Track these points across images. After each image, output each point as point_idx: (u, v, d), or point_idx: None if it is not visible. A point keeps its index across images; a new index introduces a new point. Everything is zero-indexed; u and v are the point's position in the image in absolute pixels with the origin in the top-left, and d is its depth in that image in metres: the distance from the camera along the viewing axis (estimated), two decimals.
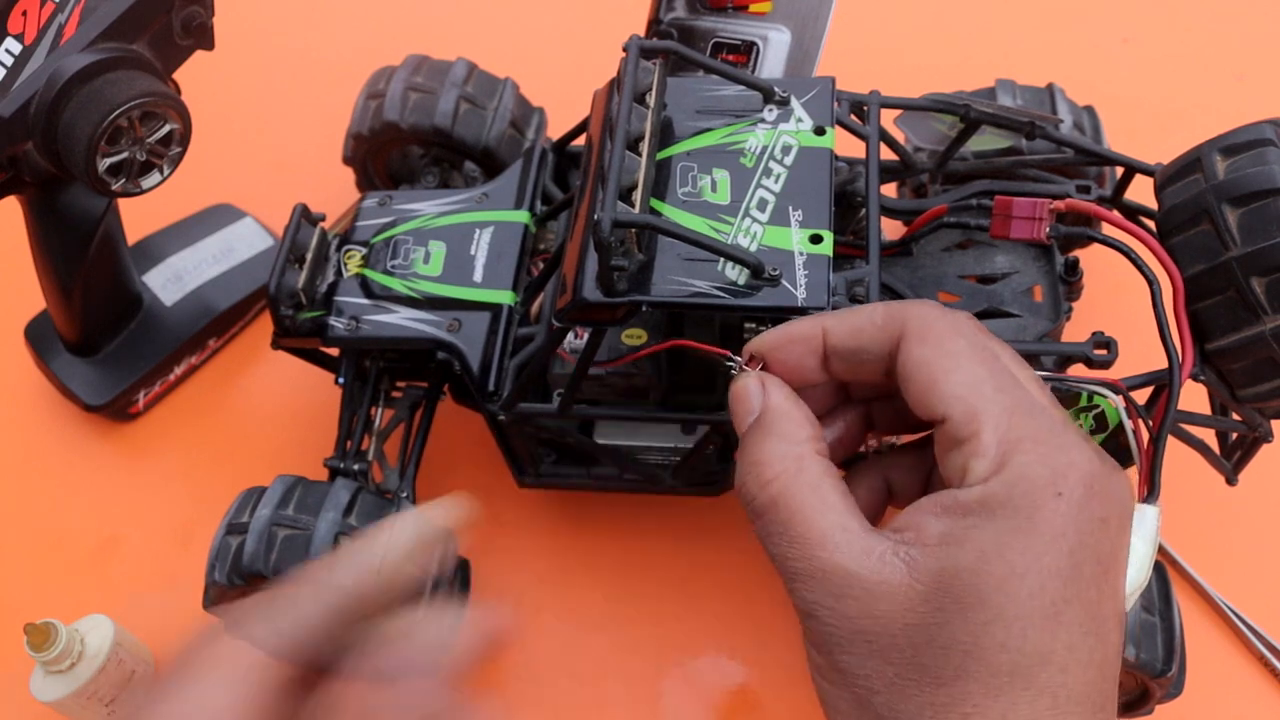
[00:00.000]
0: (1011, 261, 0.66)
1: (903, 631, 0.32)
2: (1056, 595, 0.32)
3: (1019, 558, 0.31)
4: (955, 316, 0.36)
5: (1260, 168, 0.53)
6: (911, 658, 0.32)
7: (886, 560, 0.33)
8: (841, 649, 0.33)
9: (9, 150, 0.62)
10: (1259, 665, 0.70)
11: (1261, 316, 0.52)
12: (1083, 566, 0.32)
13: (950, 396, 0.34)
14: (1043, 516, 0.32)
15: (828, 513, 0.34)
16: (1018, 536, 0.32)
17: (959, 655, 0.31)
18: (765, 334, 0.39)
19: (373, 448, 0.69)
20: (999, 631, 0.31)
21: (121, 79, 0.61)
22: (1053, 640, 0.32)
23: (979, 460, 0.33)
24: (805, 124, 0.59)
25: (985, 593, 0.31)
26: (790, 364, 0.38)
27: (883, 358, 0.36)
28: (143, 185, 0.65)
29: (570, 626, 0.73)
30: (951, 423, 0.34)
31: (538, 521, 0.77)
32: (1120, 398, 0.51)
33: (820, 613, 0.33)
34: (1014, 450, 0.33)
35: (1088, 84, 0.85)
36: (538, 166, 0.71)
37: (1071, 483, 0.32)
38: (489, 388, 0.63)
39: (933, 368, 0.35)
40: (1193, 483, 0.71)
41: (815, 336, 0.37)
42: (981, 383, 0.34)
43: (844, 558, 0.33)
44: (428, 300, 0.65)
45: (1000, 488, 0.32)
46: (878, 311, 0.37)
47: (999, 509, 0.32)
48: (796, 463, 0.35)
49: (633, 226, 0.52)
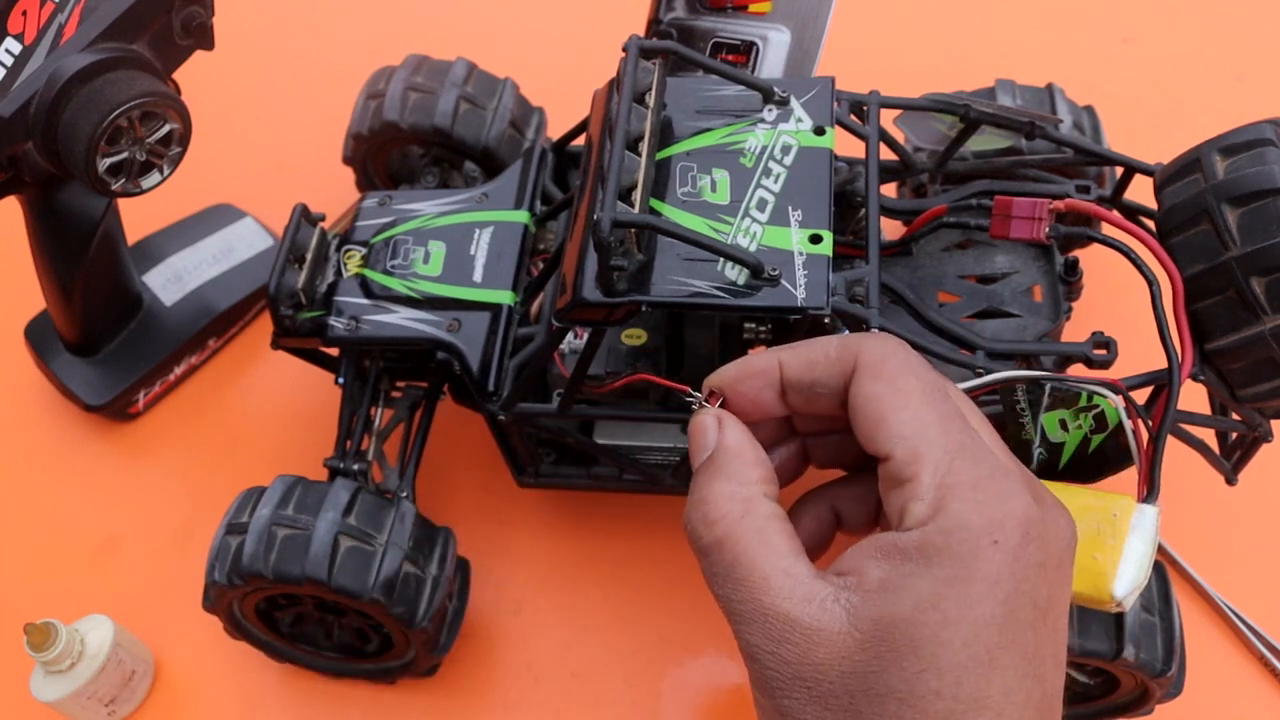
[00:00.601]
0: (1011, 261, 0.66)
1: (839, 679, 0.32)
2: (991, 642, 0.32)
3: (953, 607, 0.32)
4: (909, 354, 0.37)
5: (1260, 168, 0.53)
6: (848, 704, 0.32)
7: (827, 607, 0.33)
8: (782, 693, 0.33)
9: (9, 150, 0.62)
10: (1259, 665, 0.70)
11: (1261, 316, 0.52)
12: (1018, 612, 0.33)
13: (895, 435, 0.35)
14: (978, 565, 0.32)
15: (771, 556, 0.34)
16: (953, 586, 0.32)
17: (894, 703, 0.32)
18: (725, 368, 0.39)
19: (373, 448, 0.69)
20: (933, 679, 0.32)
21: (121, 79, 0.61)
22: (988, 686, 0.32)
23: (917, 503, 0.34)
24: (805, 124, 0.59)
25: (919, 642, 0.32)
26: (750, 397, 0.38)
27: (838, 391, 0.37)
28: (143, 185, 0.65)
29: (570, 626, 0.73)
30: (894, 461, 0.34)
31: (538, 521, 0.77)
32: (1120, 398, 0.51)
33: (761, 656, 0.33)
34: (951, 496, 0.33)
35: (1088, 84, 0.85)
36: (537, 166, 0.71)
37: (1008, 530, 0.33)
38: (489, 388, 0.63)
39: (882, 404, 0.35)
40: (1193, 483, 0.71)
41: (772, 370, 0.38)
42: (927, 425, 0.35)
43: (786, 603, 0.33)
44: (427, 300, 0.65)
45: (937, 535, 0.33)
46: (831, 344, 0.37)
47: (935, 556, 0.33)
48: (744, 504, 0.35)
49: (632, 226, 0.52)
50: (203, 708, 0.71)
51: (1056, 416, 0.54)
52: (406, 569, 0.62)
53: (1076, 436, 0.54)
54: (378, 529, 0.62)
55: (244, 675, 0.72)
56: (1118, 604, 0.48)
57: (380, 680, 0.70)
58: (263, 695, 0.72)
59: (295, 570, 0.60)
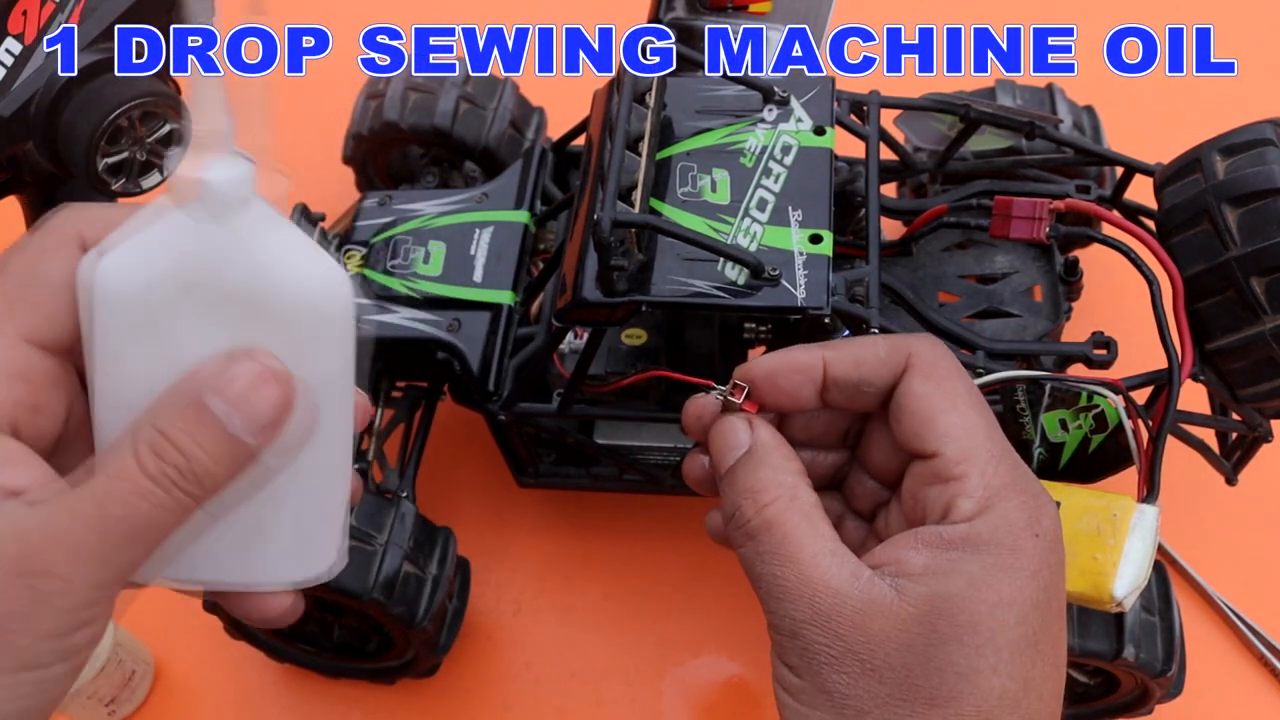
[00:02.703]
0: (1011, 261, 0.66)
1: (896, 651, 0.33)
2: (1036, 626, 0.34)
3: (1006, 588, 0.33)
4: (956, 360, 0.38)
5: (1260, 168, 0.53)
6: (904, 678, 0.33)
7: (874, 583, 0.34)
8: (832, 668, 0.33)
9: (9, 150, 0.62)
10: (1259, 665, 0.70)
11: (1261, 316, 0.52)
12: (1052, 602, 0.34)
13: (945, 435, 0.36)
14: (1023, 554, 0.34)
15: (818, 539, 0.35)
16: (1003, 570, 0.34)
17: (954, 677, 0.33)
18: (762, 360, 0.39)
19: (373, 448, 0.69)
20: (990, 655, 0.33)
21: (121, 79, 0.61)
22: (1032, 669, 0.33)
23: (966, 499, 0.35)
24: (805, 124, 0.59)
25: (979, 617, 0.33)
26: (787, 391, 0.38)
27: (884, 390, 0.38)
28: (143, 185, 0.65)
29: (570, 626, 0.73)
30: (942, 459, 0.36)
31: (538, 521, 0.77)
32: (1120, 398, 0.51)
33: (808, 631, 0.34)
34: (998, 495, 0.35)
35: (1088, 84, 0.85)
36: (537, 166, 0.71)
37: (1045, 527, 0.35)
38: (489, 388, 0.63)
39: (932, 404, 0.36)
40: (1193, 483, 0.71)
41: (815, 366, 0.38)
42: (975, 427, 0.36)
43: (834, 578, 0.34)
44: (427, 300, 0.65)
45: (984, 528, 0.34)
46: (880, 344, 0.38)
47: (984, 545, 0.34)
48: (791, 490, 0.36)
49: (632, 226, 0.52)
50: (203, 708, 0.71)
51: (1056, 416, 0.54)
52: (406, 569, 0.62)
53: (1076, 436, 0.54)
54: (378, 529, 0.62)
55: (244, 675, 0.72)
56: (1118, 604, 0.48)
57: (380, 680, 0.70)
58: (263, 695, 0.72)
59: None
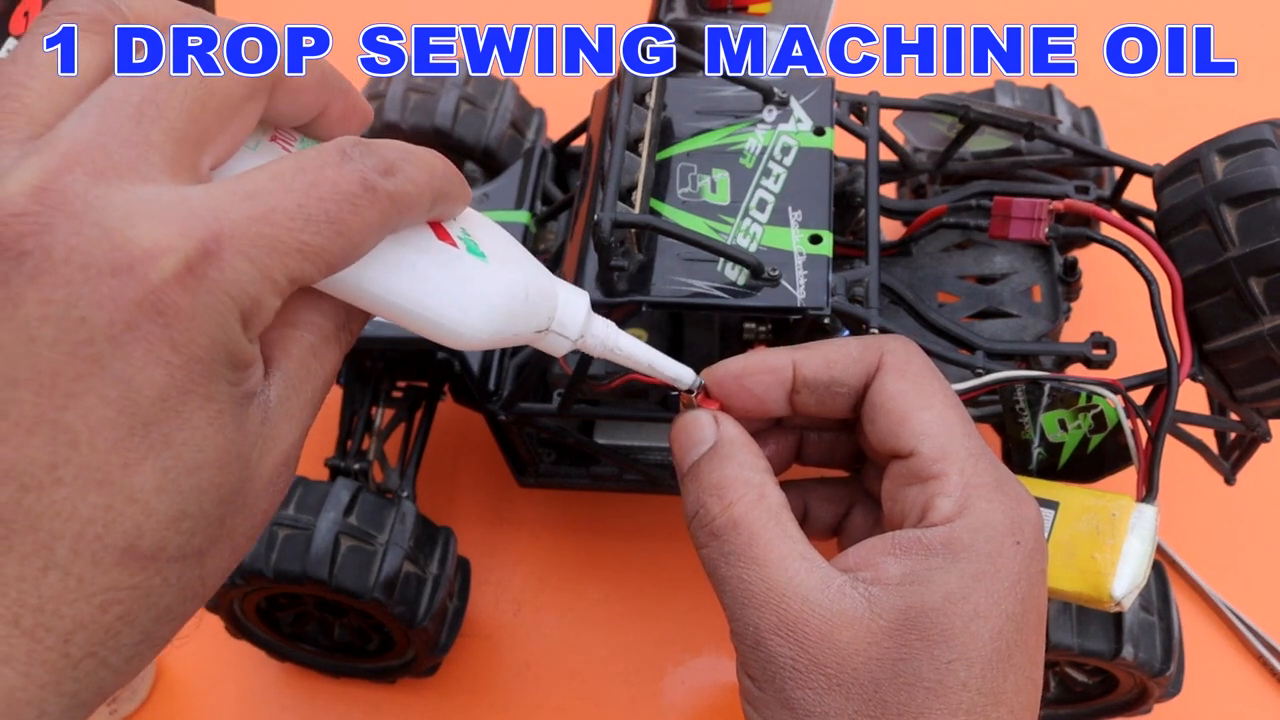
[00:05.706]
0: (1010, 262, 0.66)
1: (865, 665, 0.32)
2: (1011, 639, 0.33)
3: (983, 600, 0.32)
4: (927, 358, 0.37)
5: (1258, 168, 0.53)
6: (873, 693, 0.32)
7: (845, 593, 0.33)
8: (795, 682, 0.32)
9: None
10: (1257, 664, 0.70)
11: (1260, 317, 0.52)
12: (1029, 615, 0.33)
13: (920, 433, 0.35)
14: (1003, 563, 0.33)
15: (785, 540, 0.34)
16: (981, 580, 0.32)
17: (922, 692, 0.32)
18: (727, 362, 0.38)
19: (373, 448, 0.69)
20: (962, 670, 0.32)
21: None
22: (1004, 682, 0.32)
23: (944, 499, 0.34)
24: (805, 124, 0.59)
25: (951, 633, 0.32)
26: (755, 394, 0.37)
27: (856, 390, 0.37)
28: None
29: (570, 626, 0.73)
30: (919, 458, 0.34)
31: (538, 521, 0.77)
32: (1119, 398, 0.51)
33: (772, 641, 0.32)
34: (976, 495, 0.34)
35: (1088, 84, 0.85)
36: (538, 167, 0.71)
37: (1026, 533, 0.34)
38: (489, 388, 0.63)
39: (907, 402, 0.35)
40: (1192, 483, 0.71)
41: (784, 368, 0.37)
42: (952, 425, 0.35)
43: (802, 585, 0.33)
44: None
45: (964, 532, 0.33)
46: (852, 344, 0.37)
47: (962, 552, 0.33)
48: (758, 489, 0.35)
49: (633, 227, 0.52)
50: (204, 707, 0.72)
51: (1056, 416, 0.54)
52: (407, 569, 0.62)
53: (1076, 436, 0.54)
54: (378, 529, 0.62)
55: (244, 675, 0.72)
56: (1117, 604, 0.48)
57: (380, 680, 0.70)
58: (263, 695, 0.72)
59: (296, 569, 0.60)
